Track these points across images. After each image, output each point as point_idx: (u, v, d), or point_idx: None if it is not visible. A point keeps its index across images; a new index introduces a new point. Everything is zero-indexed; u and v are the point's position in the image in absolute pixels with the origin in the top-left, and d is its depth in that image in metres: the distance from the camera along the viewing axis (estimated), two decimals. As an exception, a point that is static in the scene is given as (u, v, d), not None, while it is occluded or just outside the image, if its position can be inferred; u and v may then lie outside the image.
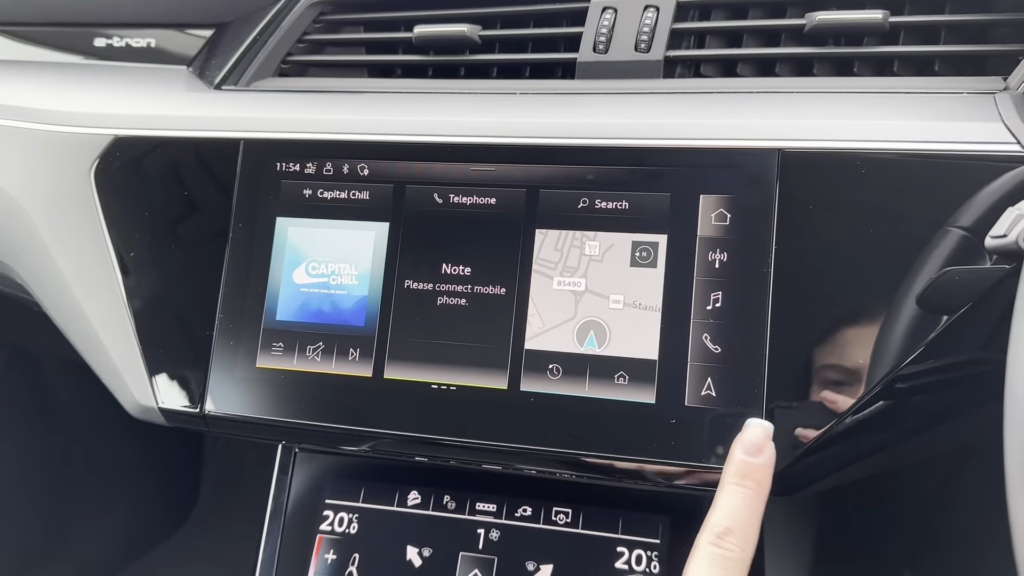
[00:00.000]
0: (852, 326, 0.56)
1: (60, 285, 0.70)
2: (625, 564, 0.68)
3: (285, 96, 0.73)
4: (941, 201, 0.55)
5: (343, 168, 0.66)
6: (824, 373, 0.56)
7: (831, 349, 0.56)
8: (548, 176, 0.62)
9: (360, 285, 0.65)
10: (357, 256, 0.65)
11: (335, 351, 0.64)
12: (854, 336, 0.56)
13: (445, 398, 0.62)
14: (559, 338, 0.60)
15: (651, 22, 0.69)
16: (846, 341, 0.56)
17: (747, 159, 0.59)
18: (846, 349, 0.56)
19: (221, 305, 0.66)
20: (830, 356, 0.56)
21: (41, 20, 0.87)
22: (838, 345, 0.56)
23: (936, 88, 0.61)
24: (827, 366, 0.56)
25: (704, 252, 0.58)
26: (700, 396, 0.57)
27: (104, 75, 0.82)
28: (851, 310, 0.56)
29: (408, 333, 0.63)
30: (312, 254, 0.66)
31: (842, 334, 0.56)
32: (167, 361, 0.67)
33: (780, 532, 0.81)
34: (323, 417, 0.64)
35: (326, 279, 0.65)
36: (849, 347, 0.55)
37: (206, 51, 0.81)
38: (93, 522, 1.20)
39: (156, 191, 0.70)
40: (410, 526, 0.72)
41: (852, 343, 0.55)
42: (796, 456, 0.56)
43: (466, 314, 0.62)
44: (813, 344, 0.56)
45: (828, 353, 0.56)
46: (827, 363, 0.56)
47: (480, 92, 0.70)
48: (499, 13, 0.74)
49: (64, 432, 1.18)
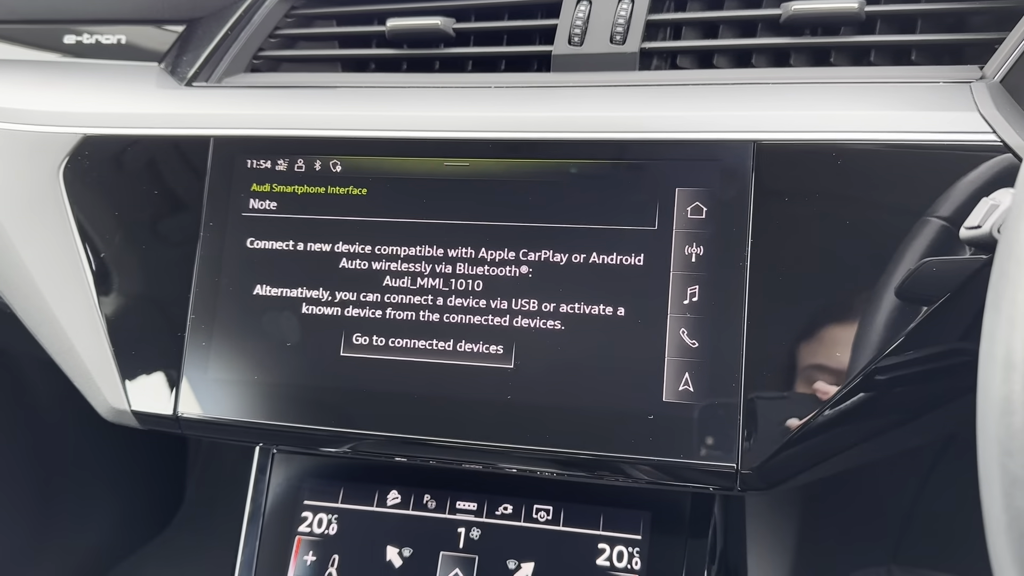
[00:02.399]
0: (830, 318, 0.55)
1: (29, 287, 0.69)
2: (607, 561, 0.67)
3: (257, 92, 0.72)
4: (918, 191, 0.55)
5: (315, 164, 0.65)
6: (803, 366, 0.55)
7: (809, 342, 0.55)
8: (523, 171, 0.62)
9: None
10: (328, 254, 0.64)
11: (309, 351, 0.63)
12: (832, 328, 0.55)
13: (424, 398, 0.61)
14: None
15: (626, 13, 0.68)
16: (824, 333, 0.55)
17: (722, 151, 0.58)
18: (824, 341, 0.55)
19: (193, 305, 0.65)
20: (808, 349, 0.55)
21: (10, 17, 0.86)
22: (816, 338, 0.55)
23: (913, 77, 0.61)
24: (805, 359, 0.55)
25: (680, 246, 0.58)
26: (678, 391, 0.57)
27: (74, 72, 0.80)
28: (829, 302, 0.56)
29: (386, 332, 0.62)
30: (284, 253, 0.65)
31: (820, 326, 0.55)
32: (139, 363, 0.66)
33: (763, 526, 0.81)
34: (298, 419, 0.63)
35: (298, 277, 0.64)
36: (827, 339, 0.55)
37: (177, 47, 0.80)
38: (78, 523, 1.19)
39: (126, 190, 0.69)
40: (390, 526, 0.71)
41: (830, 335, 0.55)
42: (776, 449, 0.55)
43: (442, 311, 0.61)
44: (791, 337, 0.56)
45: (806, 346, 0.55)
46: (805, 356, 0.55)
47: (455, 86, 0.69)
48: (473, 5, 0.74)
49: (47, 434, 1.17)
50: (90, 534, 1.20)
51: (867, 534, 0.89)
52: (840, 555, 0.89)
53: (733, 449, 0.55)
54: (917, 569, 0.86)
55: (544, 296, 0.60)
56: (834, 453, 0.58)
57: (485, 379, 0.60)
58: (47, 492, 1.16)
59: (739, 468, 0.55)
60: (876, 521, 0.89)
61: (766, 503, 0.82)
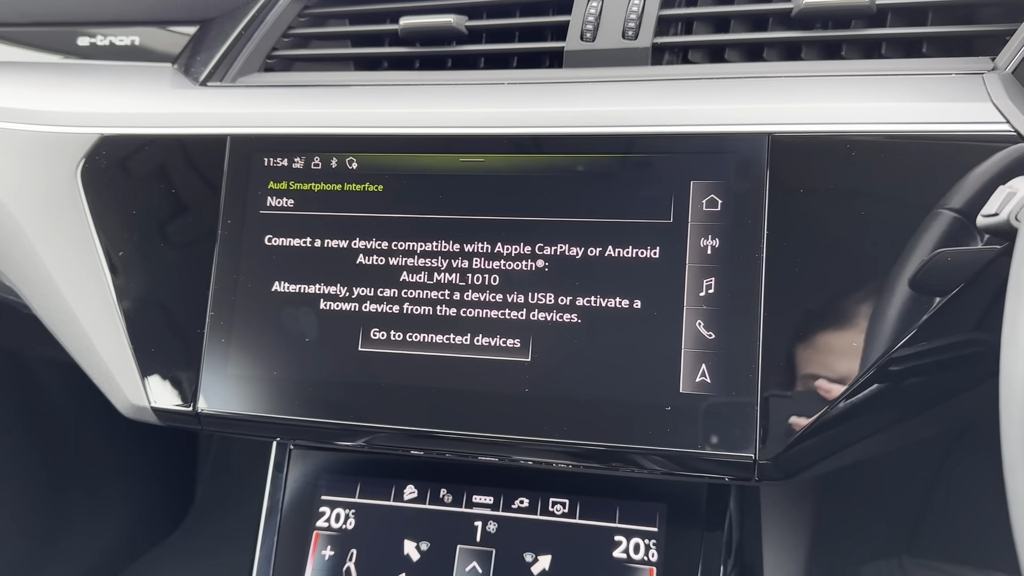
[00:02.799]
0: (845, 309, 0.56)
1: (49, 287, 0.70)
2: (623, 553, 0.68)
3: (271, 91, 0.73)
4: (931, 182, 0.55)
5: (331, 162, 0.65)
6: (818, 357, 0.56)
7: (825, 333, 0.56)
8: (537, 166, 0.62)
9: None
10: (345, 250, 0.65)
11: (327, 347, 0.64)
12: (848, 319, 0.55)
13: (442, 392, 0.61)
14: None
15: (638, 9, 0.68)
16: (840, 324, 0.56)
17: (737, 144, 0.58)
18: (840, 332, 0.55)
19: (211, 303, 0.66)
20: (824, 340, 0.56)
21: (24, 20, 0.87)
22: (832, 328, 0.56)
23: (924, 69, 0.61)
24: (821, 350, 0.56)
25: (696, 239, 0.58)
26: (695, 383, 0.57)
27: (88, 74, 0.81)
28: (844, 293, 0.56)
29: (403, 327, 0.63)
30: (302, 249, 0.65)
31: (835, 317, 0.56)
32: (158, 360, 0.67)
33: (778, 517, 0.81)
34: (317, 413, 0.63)
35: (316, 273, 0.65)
36: (843, 330, 0.55)
37: (191, 48, 0.80)
38: (91, 523, 1.20)
39: (143, 189, 0.69)
40: (407, 520, 0.72)
41: (846, 326, 0.55)
42: (793, 440, 0.56)
43: (459, 306, 0.62)
44: (807, 328, 0.56)
45: (822, 337, 0.56)
46: (821, 347, 0.56)
47: (468, 83, 0.70)
48: (485, 3, 0.74)
49: (59, 435, 1.18)
50: (103, 534, 1.21)
51: (882, 524, 0.90)
52: (855, 545, 0.89)
53: (750, 439, 0.56)
54: (932, 560, 0.86)
55: (560, 289, 0.60)
56: (851, 443, 0.58)
57: (502, 373, 0.60)
58: (61, 494, 1.17)
59: (756, 459, 0.56)
60: (891, 511, 0.90)
61: (781, 494, 0.82)
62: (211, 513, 1.30)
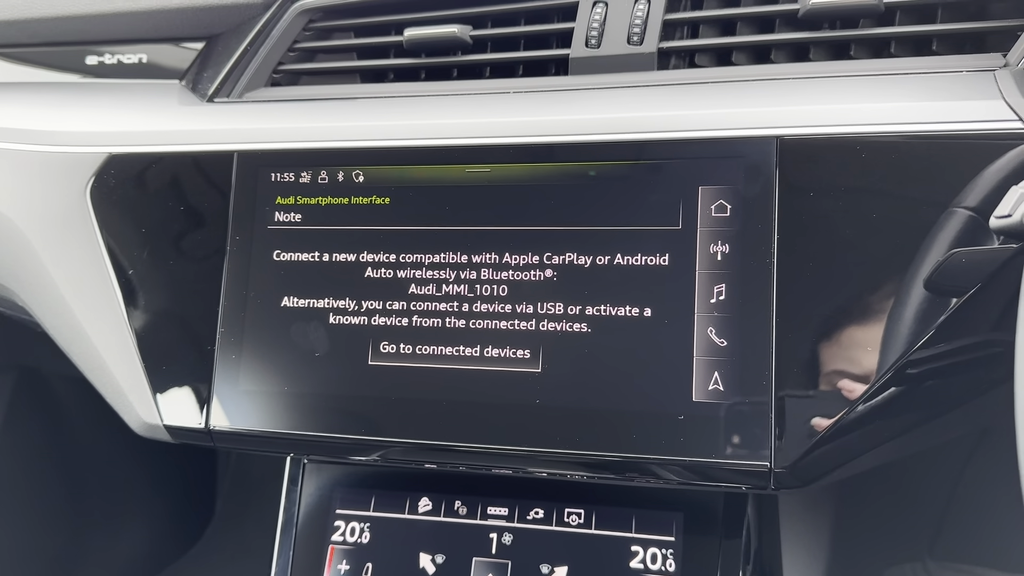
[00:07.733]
0: (859, 313, 0.55)
1: (60, 306, 0.70)
2: (640, 563, 0.67)
3: (277, 106, 0.73)
4: (944, 182, 0.54)
5: (338, 176, 0.65)
6: (833, 362, 0.55)
7: (839, 337, 0.55)
8: (545, 175, 0.62)
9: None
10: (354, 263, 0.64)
11: (338, 361, 0.63)
12: (862, 323, 0.55)
13: (453, 404, 0.61)
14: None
15: (643, 14, 0.68)
16: (854, 328, 0.55)
17: (745, 148, 0.58)
18: (854, 336, 0.55)
19: (221, 319, 0.66)
20: (838, 344, 0.55)
21: (31, 40, 0.87)
22: (846, 333, 0.55)
23: (935, 67, 0.60)
24: (835, 355, 0.55)
25: (705, 245, 0.58)
26: (708, 391, 0.56)
27: (96, 92, 0.81)
28: (857, 297, 0.55)
29: (413, 339, 0.62)
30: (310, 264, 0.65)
31: (849, 321, 0.55)
32: (170, 378, 0.67)
33: (797, 524, 0.80)
34: (329, 428, 0.63)
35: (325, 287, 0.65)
36: (857, 334, 0.55)
37: (197, 64, 0.81)
38: (110, 540, 1.20)
39: (152, 207, 0.70)
40: (422, 533, 0.71)
41: (860, 330, 0.55)
42: (809, 447, 0.55)
43: (468, 317, 0.61)
44: (820, 333, 0.55)
45: (836, 341, 0.55)
46: (835, 352, 0.55)
47: (474, 93, 0.69)
48: (489, 12, 0.74)
49: (78, 451, 1.18)
50: (122, 551, 1.21)
51: (902, 529, 0.88)
52: (875, 551, 0.88)
53: (766, 447, 0.55)
54: (953, 563, 0.85)
55: (570, 299, 0.60)
56: (868, 448, 0.57)
57: (513, 384, 0.60)
58: (79, 511, 1.17)
59: (772, 466, 0.55)
60: (911, 516, 0.88)
61: (799, 501, 0.81)
62: (231, 525, 1.31)
